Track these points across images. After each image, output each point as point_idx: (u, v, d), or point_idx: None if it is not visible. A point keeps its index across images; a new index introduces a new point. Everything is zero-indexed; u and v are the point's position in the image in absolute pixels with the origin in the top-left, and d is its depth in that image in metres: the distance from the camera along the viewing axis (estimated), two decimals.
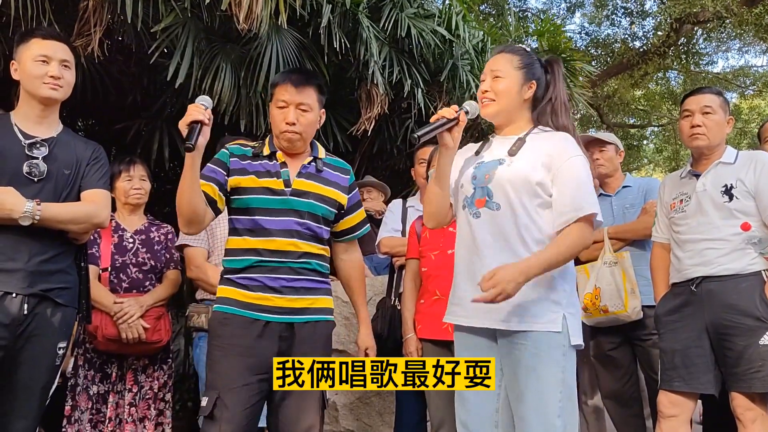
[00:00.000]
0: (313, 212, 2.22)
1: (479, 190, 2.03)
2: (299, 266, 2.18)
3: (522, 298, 1.89)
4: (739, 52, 13.46)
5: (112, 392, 2.89)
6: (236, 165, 2.21)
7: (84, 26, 3.07)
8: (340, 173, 2.33)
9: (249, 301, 2.15)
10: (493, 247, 1.98)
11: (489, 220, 1.99)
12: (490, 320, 1.96)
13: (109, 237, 2.98)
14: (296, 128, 2.17)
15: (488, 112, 2.07)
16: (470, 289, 1.98)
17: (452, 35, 4.21)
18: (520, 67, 2.05)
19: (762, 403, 2.38)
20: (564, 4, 13.01)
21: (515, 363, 1.93)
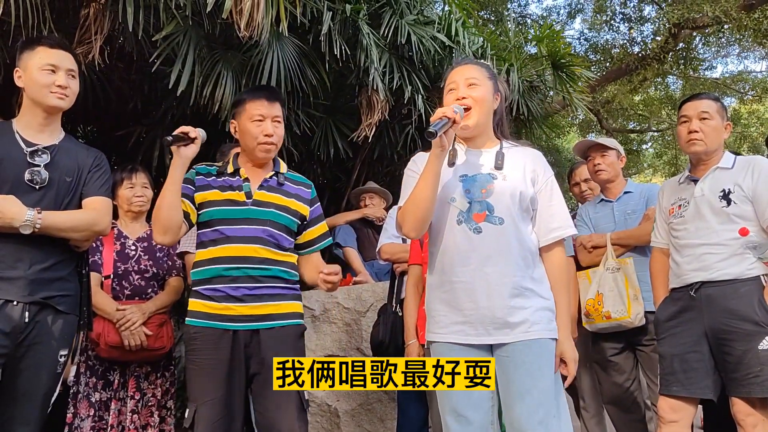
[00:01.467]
0: (275, 221, 2.32)
1: (476, 204, 2.03)
2: (260, 273, 2.26)
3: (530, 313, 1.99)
4: (738, 57, 13.51)
5: (114, 399, 2.88)
6: (201, 182, 2.35)
7: (85, 34, 3.09)
8: (301, 186, 2.46)
9: (214, 312, 2.25)
10: (498, 261, 1.99)
11: (493, 234, 2.00)
12: (501, 336, 1.99)
13: (111, 244, 2.99)
14: (274, 139, 2.34)
15: (472, 122, 2.05)
16: (471, 306, 2.00)
17: (452, 41, 4.23)
18: (490, 78, 2.13)
19: (762, 408, 2.38)
20: (564, 10, 13.08)
21: (520, 363, 1.96)
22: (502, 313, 1.98)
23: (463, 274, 2.02)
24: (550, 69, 4.87)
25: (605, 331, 3.12)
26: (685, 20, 8.97)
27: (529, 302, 2.00)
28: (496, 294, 1.98)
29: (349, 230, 4.20)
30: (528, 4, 12.95)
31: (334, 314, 3.54)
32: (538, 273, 2.06)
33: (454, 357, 2.02)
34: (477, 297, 1.99)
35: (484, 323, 1.99)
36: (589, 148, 3.42)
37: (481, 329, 2.00)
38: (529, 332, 1.97)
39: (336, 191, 5.13)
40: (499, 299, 1.98)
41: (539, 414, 1.91)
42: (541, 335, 1.98)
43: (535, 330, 1.98)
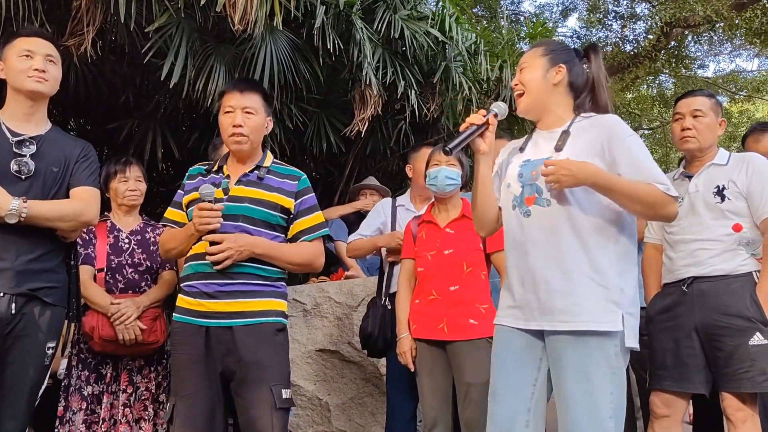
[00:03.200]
0: (249, 215, 2.28)
1: (527, 188, 2.00)
2: (232, 270, 2.22)
3: (579, 300, 1.86)
4: (730, 56, 13.58)
5: (107, 393, 2.88)
6: (189, 186, 2.38)
7: (77, 26, 3.06)
8: (287, 179, 2.39)
9: (190, 307, 2.26)
10: (544, 244, 1.93)
11: (540, 217, 1.95)
12: (547, 323, 1.91)
13: (104, 237, 2.97)
14: (243, 130, 2.28)
15: (520, 108, 2.05)
16: (524, 294, 1.97)
17: (445, 37, 4.22)
18: (544, 54, 2.04)
19: (752, 403, 2.40)
20: (557, 8, 13.09)
21: (564, 364, 1.87)
22: (546, 297, 1.91)
23: (515, 258, 2.01)
24: None
25: None
26: (677, 19, 9.00)
27: (580, 289, 1.87)
28: (540, 278, 1.92)
29: (341, 224, 4.19)
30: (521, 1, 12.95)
31: (326, 308, 3.54)
32: (602, 258, 1.89)
33: (504, 339, 2.02)
34: (524, 281, 1.96)
35: (530, 308, 1.94)
36: None
37: (528, 314, 1.95)
38: (574, 322, 1.86)
39: (328, 186, 5.12)
40: (542, 283, 1.91)
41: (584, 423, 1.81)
42: (589, 327, 1.84)
43: (582, 321, 1.85)
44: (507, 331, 2.02)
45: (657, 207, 1.87)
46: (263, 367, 2.21)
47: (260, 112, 2.34)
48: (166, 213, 2.45)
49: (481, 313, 2.63)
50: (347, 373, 3.51)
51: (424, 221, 2.86)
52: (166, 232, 2.43)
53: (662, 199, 1.86)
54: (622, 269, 1.92)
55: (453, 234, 2.75)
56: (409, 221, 2.97)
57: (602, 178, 1.86)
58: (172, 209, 2.43)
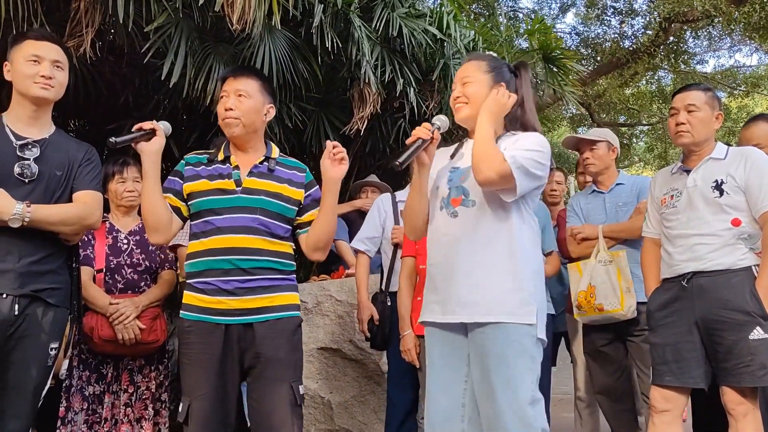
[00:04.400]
0: (266, 208, 2.25)
1: (455, 190, 2.12)
2: (251, 265, 2.20)
3: (498, 293, 2.00)
4: (729, 51, 13.58)
5: (108, 393, 2.89)
6: (190, 172, 2.29)
7: (76, 27, 3.06)
8: (294, 171, 2.37)
9: (206, 305, 2.20)
10: (468, 242, 2.05)
11: (465, 217, 2.07)
12: (467, 315, 2.02)
13: (103, 238, 2.98)
14: (234, 113, 2.24)
15: (461, 116, 2.14)
16: (446, 288, 2.07)
17: (443, 34, 4.23)
18: (488, 71, 2.14)
19: (752, 397, 2.40)
20: (555, 4, 13.09)
21: (486, 353, 1.98)
22: (467, 291, 2.02)
23: (439, 256, 2.11)
24: (541, 62, 4.88)
25: (596, 323, 3.14)
26: (676, 14, 9.00)
27: (499, 284, 2.01)
28: (463, 273, 2.03)
29: (341, 223, 4.19)
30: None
31: (327, 307, 3.55)
32: (519, 257, 2.04)
33: (431, 340, 2.13)
34: (447, 276, 2.06)
35: (451, 302, 2.04)
36: (576, 143, 3.45)
37: (448, 307, 2.05)
38: (493, 314, 1.98)
39: None
40: (465, 278, 2.03)
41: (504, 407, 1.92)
42: (508, 319, 1.98)
43: (500, 312, 1.98)
44: (431, 329, 2.14)
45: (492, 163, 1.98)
46: (283, 364, 2.20)
47: (254, 96, 2.28)
48: None
49: None
50: (349, 371, 3.51)
51: None
52: None
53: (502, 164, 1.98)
54: (535, 270, 2.08)
55: None
56: None
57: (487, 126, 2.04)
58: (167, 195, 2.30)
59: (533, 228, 2.13)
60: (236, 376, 2.21)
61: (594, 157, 3.33)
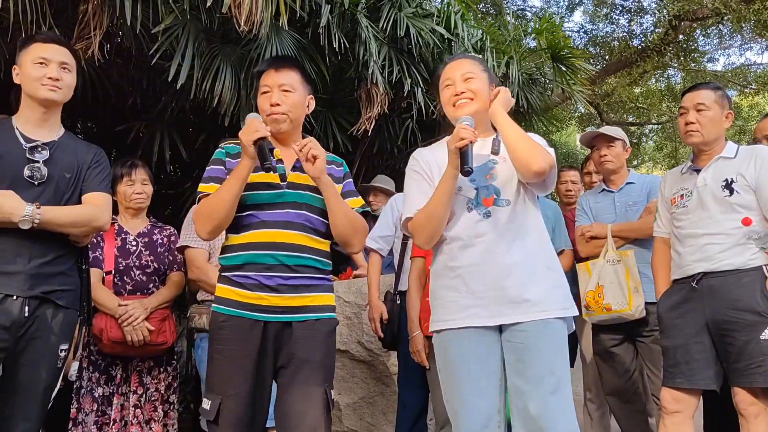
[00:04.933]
0: (312, 204, 2.19)
1: (483, 190, 2.07)
2: (295, 262, 2.12)
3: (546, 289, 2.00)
4: (740, 49, 13.47)
5: (117, 394, 2.90)
6: (232, 165, 2.18)
7: (84, 29, 3.07)
8: (333, 165, 2.31)
9: (246, 301, 2.11)
10: (508, 241, 2.02)
11: (501, 216, 2.04)
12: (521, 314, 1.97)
13: (112, 240, 2.98)
14: (281, 108, 2.17)
15: (468, 111, 2.08)
16: (489, 291, 1.99)
17: (451, 34, 4.22)
18: (484, 70, 2.16)
19: (764, 397, 2.38)
20: (564, 2, 13.02)
21: (536, 348, 1.96)
22: (516, 291, 1.98)
23: (471, 257, 2.03)
24: (549, 62, 4.85)
25: (605, 323, 3.12)
26: (685, 12, 8.94)
27: (544, 279, 2.02)
28: (506, 273, 1.99)
29: None
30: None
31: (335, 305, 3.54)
32: (551, 252, 2.11)
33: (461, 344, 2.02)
34: (487, 278, 2.00)
35: (500, 303, 1.98)
36: (594, 137, 3.41)
37: (495, 309, 1.99)
38: (549, 311, 1.98)
39: None
40: (512, 278, 1.98)
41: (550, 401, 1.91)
42: (559, 314, 1.99)
43: (553, 308, 1.99)
44: (467, 333, 2.02)
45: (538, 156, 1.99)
46: (318, 367, 2.13)
47: (298, 89, 2.22)
48: (200, 188, 2.19)
49: None
50: (357, 372, 3.51)
51: None
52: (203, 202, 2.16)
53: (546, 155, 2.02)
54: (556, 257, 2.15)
55: None
56: None
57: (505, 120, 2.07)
58: (209, 184, 2.18)
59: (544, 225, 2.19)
60: (270, 375, 2.13)
61: (612, 155, 3.31)
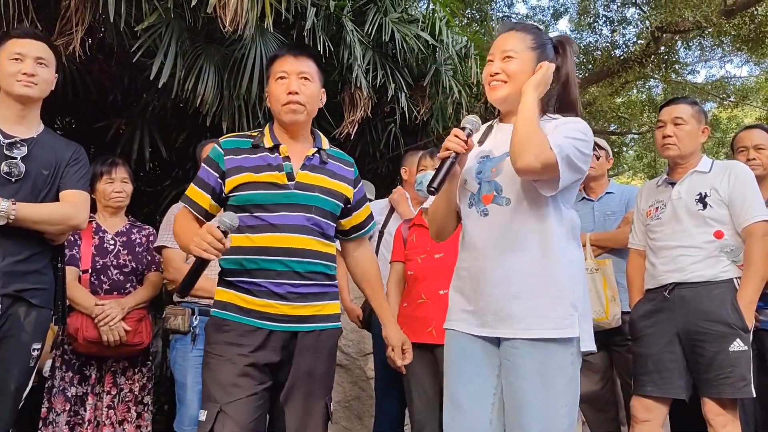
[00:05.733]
0: (321, 207, 2.04)
1: (485, 185, 1.88)
2: (305, 269, 1.99)
3: (538, 306, 1.78)
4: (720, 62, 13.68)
5: (91, 394, 2.87)
6: (231, 163, 2.03)
7: (66, 25, 3.04)
8: (345, 165, 2.16)
9: (252, 307, 1.97)
10: (501, 246, 1.82)
11: (498, 216, 1.84)
12: (506, 330, 1.80)
13: (89, 238, 2.96)
14: (300, 98, 2.00)
15: (498, 95, 1.88)
16: (479, 298, 1.85)
17: (435, 40, 4.24)
18: (534, 47, 1.87)
19: (732, 408, 2.42)
20: (548, 10, 13.14)
21: (520, 372, 1.77)
22: (503, 303, 1.79)
23: (469, 260, 1.89)
24: None
25: None
26: (667, 24, 9.06)
27: (538, 294, 1.78)
28: (496, 281, 1.80)
29: None
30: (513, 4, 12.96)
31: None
32: (560, 260, 1.81)
33: (461, 346, 1.89)
34: (479, 284, 1.84)
35: (485, 314, 1.82)
36: None
37: (483, 320, 1.83)
38: (534, 330, 1.76)
39: None
40: (498, 287, 1.80)
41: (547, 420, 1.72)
42: (550, 335, 1.76)
43: (543, 328, 1.76)
44: (462, 336, 1.90)
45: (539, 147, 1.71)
46: (320, 380, 2.04)
47: (316, 80, 2.07)
48: (188, 191, 2.08)
49: None
50: (334, 376, 3.50)
51: (415, 225, 2.86)
52: (180, 213, 2.07)
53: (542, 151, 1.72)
54: (574, 274, 1.84)
55: None
56: (400, 224, 2.98)
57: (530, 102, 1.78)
58: (195, 187, 2.06)
59: (573, 226, 1.88)
60: (268, 384, 1.98)
61: (594, 163, 3.34)
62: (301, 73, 2.03)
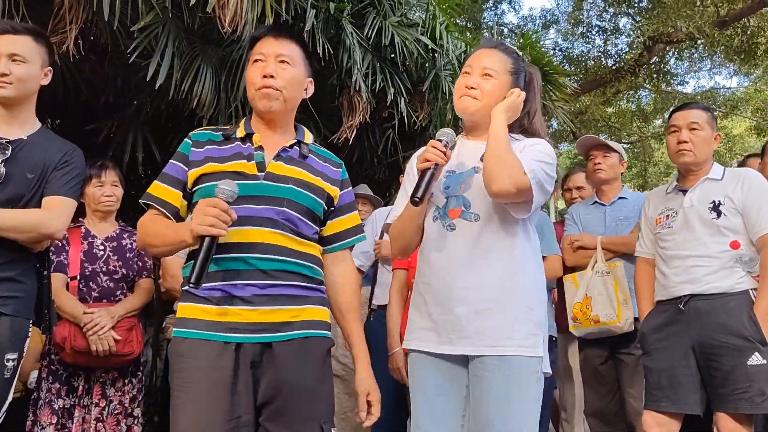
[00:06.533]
0: (295, 200, 1.79)
1: (453, 200, 1.87)
2: (273, 267, 1.73)
3: (504, 322, 1.77)
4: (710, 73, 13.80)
5: (79, 406, 2.78)
6: (197, 156, 1.81)
7: (59, 23, 2.93)
8: (329, 165, 1.92)
9: (212, 318, 1.69)
10: (468, 262, 1.81)
11: (466, 232, 1.83)
12: (469, 347, 1.79)
13: (78, 244, 2.87)
14: (275, 82, 1.78)
15: (469, 109, 1.89)
16: (442, 314, 1.82)
17: (436, 45, 4.17)
18: (512, 72, 1.91)
19: (748, 424, 2.36)
20: (539, 20, 13.19)
21: (485, 389, 1.75)
22: (467, 319, 1.78)
23: (432, 275, 1.86)
24: None
25: (592, 337, 3.08)
26: (660, 34, 9.10)
27: (504, 311, 1.78)
28: (461, 297, 1.79)
29: None
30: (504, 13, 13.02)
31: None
32: (524, 280, 1.83)
33: (423, 367, 1.86)
34: (441, 299, 1.82)
35: (448, 331, 1.80)
36: (592, 146, 3.38)
37: (446, 337, 1.80)
38: (498, 347, 1.76)
39: None
40: (465, 305, 1.78)
41: None
42: (514, 352, 1.75)
43: (506, 345, 1.76)
44: (423, 357, 1.86)
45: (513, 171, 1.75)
46: (311, 397, 1.74)
47: (298, 64, 1.85)
48: (151, 188, 1.83)
49: None
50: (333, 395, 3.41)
51: None
52: (149, 217, 1.80)
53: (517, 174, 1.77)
54: (539, 294, 1.87)
55: None
56: None
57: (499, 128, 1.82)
58: (162, 185, 1.81)
59: (536, 244, 1.93)
60: (251, 412, 1.69)
61: (606, 164, 3.29)
62: (279, 55, 1.82)
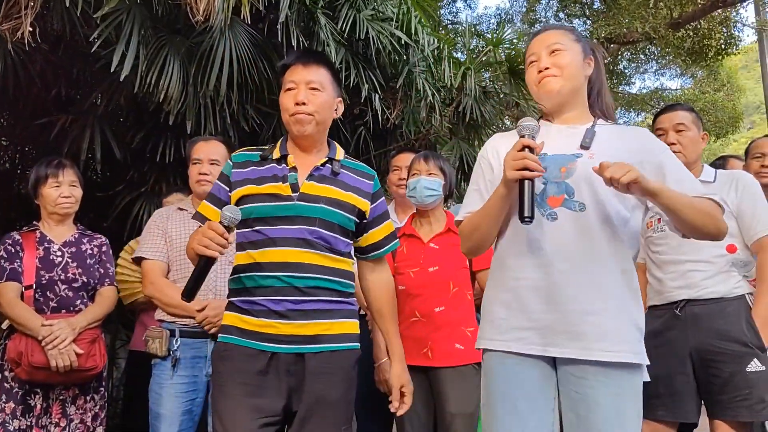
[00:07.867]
0: (327, 219, 1.93)
1: (552, 186, 1.71)
2: (307, 284, 1.87)
3: (618, 325, 1.62)
4: (656, 74, 14.15)
5: (36, 427, 2.57)
6: (238, 176, 1.99)
7: (12, 8, 2.67)
8: (362, 178, 2.05)
9: (251, 328, 1.87)
10: (574, 255, 1.65)
11: (571, 222, 1.67)
12: (581, 350, 1.61)
13: (33, 250, 2.66)
14: (307, 108, 1.93)
15: (553, 87, 1.77)
16: (545, 313, 1.65)
17: (410, 39, 4.06)
18: (577, 40, 1.83)
19: (745, 431, 2.32)
20: (494, 19, 13.24)
21: (592, 406, 1.60)
22: (576, 319, 1.62)
23: (532, 270, 1.69)
24: (503, 75, 4.79)
25: None
26: (615, 35, 9.23)
27: (618, 311, 1.63)
28: (569, 295, 1.64)
29: None
30: (458, 12, 13.00)
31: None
32: (633, 278, 1.70)
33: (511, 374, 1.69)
34: (545, 296, 1.66)
35: (553, 331, 1.64)
36: None
37: (549, 338, 1.65)
38: (612, 352, 1.60)
39: None
40: (571, 302, 1.63)
41: None
42: (629, 359, 1.61)
43: (621, 351, 1.61)
44: (514, 360, 1.68)
45: (715, 218, 1.66)
46: (336, 406, 1.87)
47: (327, 89, 1.98)
48: (200, 208, 2.04)
49: (467, 336, 2.46)
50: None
51: (405, 234, 2.66)
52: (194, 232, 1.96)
53: (718, 210, 1.68)
54: (639, 295, 1.72)
55: (438, 250, 2.56)
56: None
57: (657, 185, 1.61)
58: (210, 205, 2.02)
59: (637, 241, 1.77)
60: (279, 414, 1.84)
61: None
62: (309, 82, 1.96)
